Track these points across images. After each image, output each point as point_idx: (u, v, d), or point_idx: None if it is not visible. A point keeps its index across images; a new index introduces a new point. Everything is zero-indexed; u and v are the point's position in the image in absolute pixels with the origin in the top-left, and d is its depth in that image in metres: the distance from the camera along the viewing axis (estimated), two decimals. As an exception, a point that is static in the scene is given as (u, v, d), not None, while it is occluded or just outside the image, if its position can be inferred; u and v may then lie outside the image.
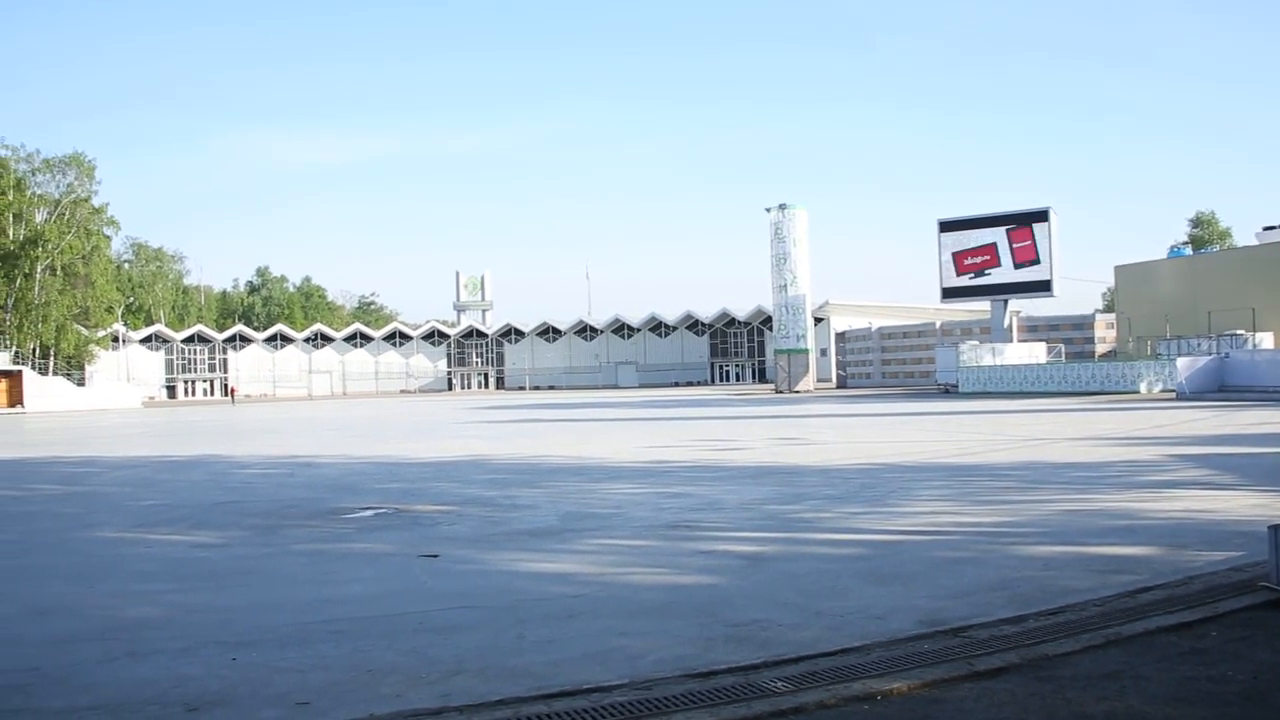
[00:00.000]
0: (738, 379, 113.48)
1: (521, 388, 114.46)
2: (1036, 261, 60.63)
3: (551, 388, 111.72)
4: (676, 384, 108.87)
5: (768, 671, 4.94)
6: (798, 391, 66.44)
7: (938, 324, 73.13)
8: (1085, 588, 6.53)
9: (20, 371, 71.37)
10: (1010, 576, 7.03)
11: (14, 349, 74.99)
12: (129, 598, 7.22)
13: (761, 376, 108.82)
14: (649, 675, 4.94)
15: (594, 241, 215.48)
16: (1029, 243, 61.00)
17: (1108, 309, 78.88)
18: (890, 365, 76.16)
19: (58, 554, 9.36)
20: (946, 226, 65.14)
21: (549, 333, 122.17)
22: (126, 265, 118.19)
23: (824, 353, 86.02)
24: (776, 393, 66.81)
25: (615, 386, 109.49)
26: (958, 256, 64.01)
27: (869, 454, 17.78)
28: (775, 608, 6.30)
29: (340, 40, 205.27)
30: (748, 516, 10.35)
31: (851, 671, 4.88)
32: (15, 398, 70.12)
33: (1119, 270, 66.89)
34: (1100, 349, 63.04)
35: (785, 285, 69.64)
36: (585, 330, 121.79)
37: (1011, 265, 61.74)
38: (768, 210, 70.28)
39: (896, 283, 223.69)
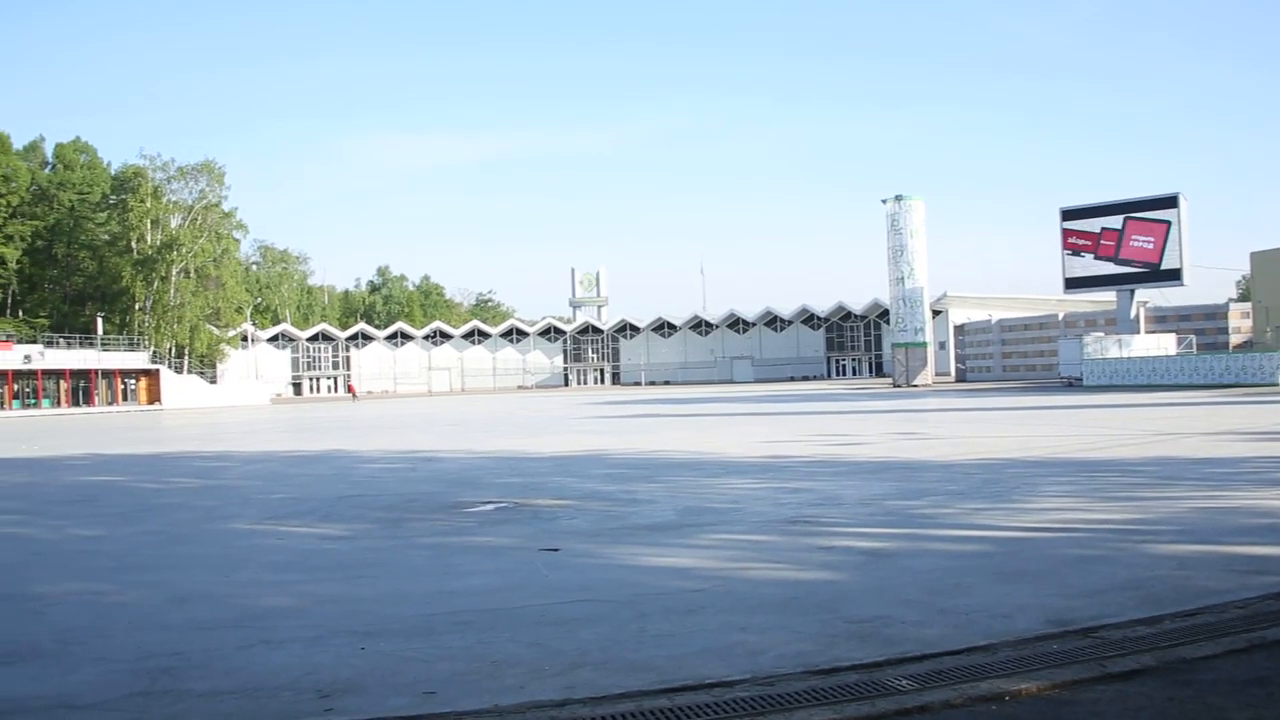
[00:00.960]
0: (854, 373, 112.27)
1: (637, 383, 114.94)
2: (1165, 249, 58.43)
3: (666, 383, 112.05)
4: (792, 379, 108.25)
5: (891, 669, 4.87)
6: (916, 386, 65.48)
7: (1060, 315, 71.18)
8: (1224, 589, 6.28)
9: (158, 370, 74.37)
10: (1143, 576, 6.81)
11: (152, 348, 78.19)
12: (263, 587, 7.47)
13: (878, 371, 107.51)
14: (770, 671, 4.91)
15: (709, 236, 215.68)
16: (1157, 230, 58.82)
17: (1243, 298, 75.82)
18: (1011, 358, 74.37)
19: (197, 544, 9.73)
20: (1069, 215, 63.21)
21: (664, 328, 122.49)
22: (255, 267, 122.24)
23: (942, 346, 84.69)
24: (894, 387, 65.93)
25: (730, 381, 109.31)
26: (1081, 245, 62.09)
27: (991, 449, 17.41)
28: (897, 605, 6.21)
29: (455, 45, 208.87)
30: (868, 512, 10.23)
31: (978, 671, 4.78)
32: (154, 395, 73.13)
33: (1256, 257, 64.04)
34: (1235, 340, 60.60)
35: (902, 278, 68.68)
36: (700, 325, 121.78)
37: (1138, 253, 59.65)
38: (884, 202, 69.39)
39: (1017, 276, 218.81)
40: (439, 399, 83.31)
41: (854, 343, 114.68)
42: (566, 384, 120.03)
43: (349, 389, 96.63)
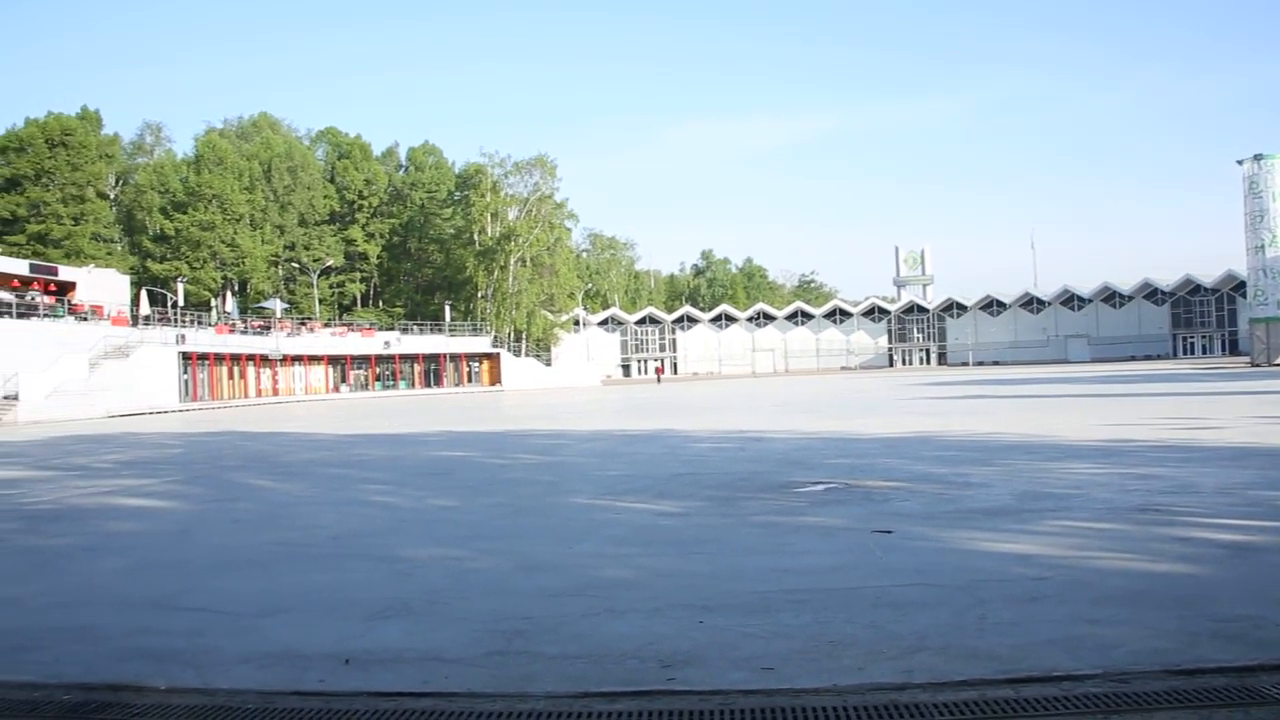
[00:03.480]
0: (1204, 352, 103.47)
1: (964, 364, 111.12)
2: None
3: (995, 363, 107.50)
4: (1132, 358, 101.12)
5: (1266, 676, 4.46)
6: (1278, 364, 59.49)
7: None
8: None
9: (499, 354, 79.27)
10: None
11: (493, 334, 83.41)
12: (604, 559, 7.82)
13: (1233, 348, 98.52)
14: (1124, 668, 4.63)
15: (1039, 208, 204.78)
16: None
17: None
18: (1399, 334, 66.06)
19: (541, 516, 10.31)
20: None
21: (992, 306, 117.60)
22: (585, 254, 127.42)
23: (1311, 321, 76.44)
24: (1252, 366, 60.29)
25: (1064, 361, 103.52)
26: None
27: (1377, 436, 15.60)
28: (1271, 605, 5.69)
29: (767, 27, 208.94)
30: (1228, 502, 9.42)
31: (1374, 682, 4.31)
32: (495, 377, 78.07)
33: None
34: None
35: (1262, 246, 62.54)
36: (1031, 302, 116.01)
37: None
38: (1239, 163, 63.44)
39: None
40: (763, 380, 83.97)
41: (1204, 319, 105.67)
42: (891, 365, 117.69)
43: (657, 371, 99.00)
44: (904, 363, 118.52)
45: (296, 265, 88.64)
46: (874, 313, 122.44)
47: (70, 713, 4.64)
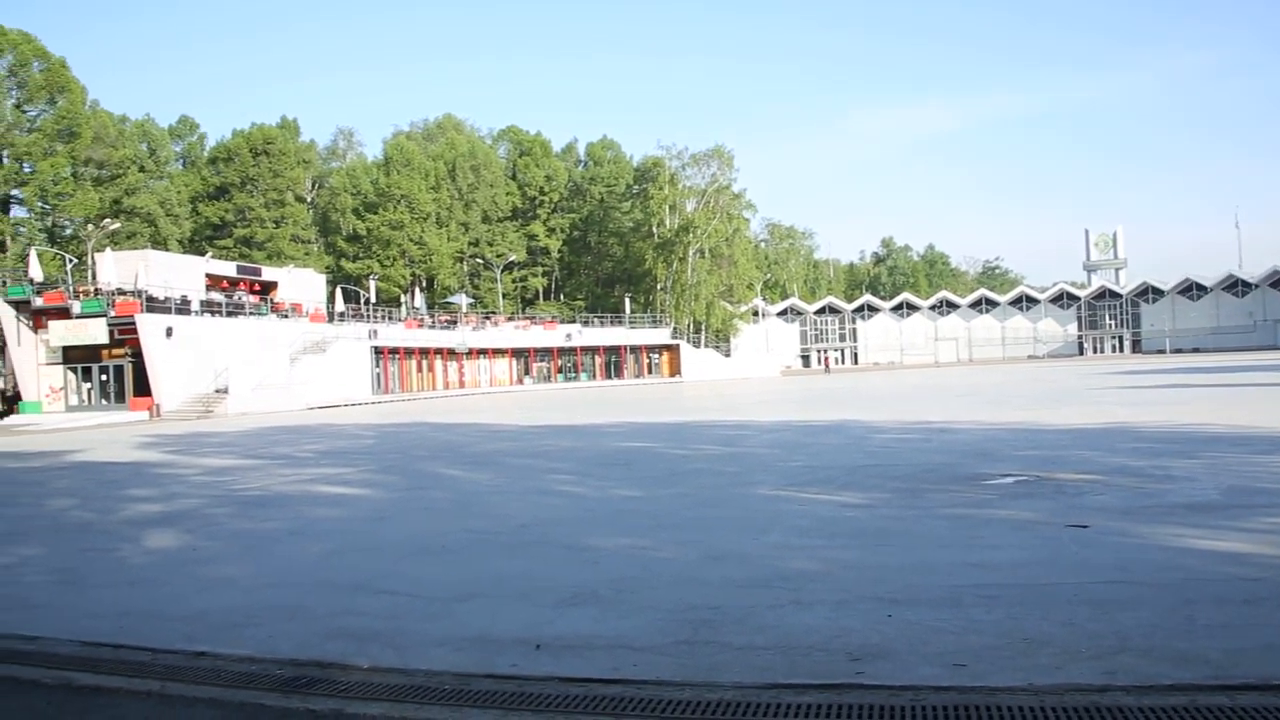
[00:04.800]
0: None
1: (1160, 351, 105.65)
2: None
3: (1195, 350, 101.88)
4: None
5: None
6: None
7: None
8: None
9: (678, 345, 79.70)
10: None
11: (672, 325, 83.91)
12: (789, 550, 7.77)
13: None
14: (1355, 676, 4.33)
15: (1243, 185, 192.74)
16: None
17: None
18: None
19: (725, 507, 10.33)
20: None
21: (1191, 289, 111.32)
22: (763, 244, 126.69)
23: None
24: None
25: (1273, 348, 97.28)
26: None
27: None
28: None
29: (942, 7, 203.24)
30: None
31: None
32: (674, 368, 78.55)
33: None
34: None
35: None
36: (1235, 285, 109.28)
37: None
38: None
39: None
40: (946, 370, 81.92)
41: None
42: (1081, 353, 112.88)
43: (825, 362, 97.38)
44: (1095, 351, 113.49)
45: (481, 261, 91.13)
46: (1062, 299, 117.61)
47: (284, 686, 4.91)
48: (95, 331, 42.44)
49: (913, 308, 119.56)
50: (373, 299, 67.02)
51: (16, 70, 57.64)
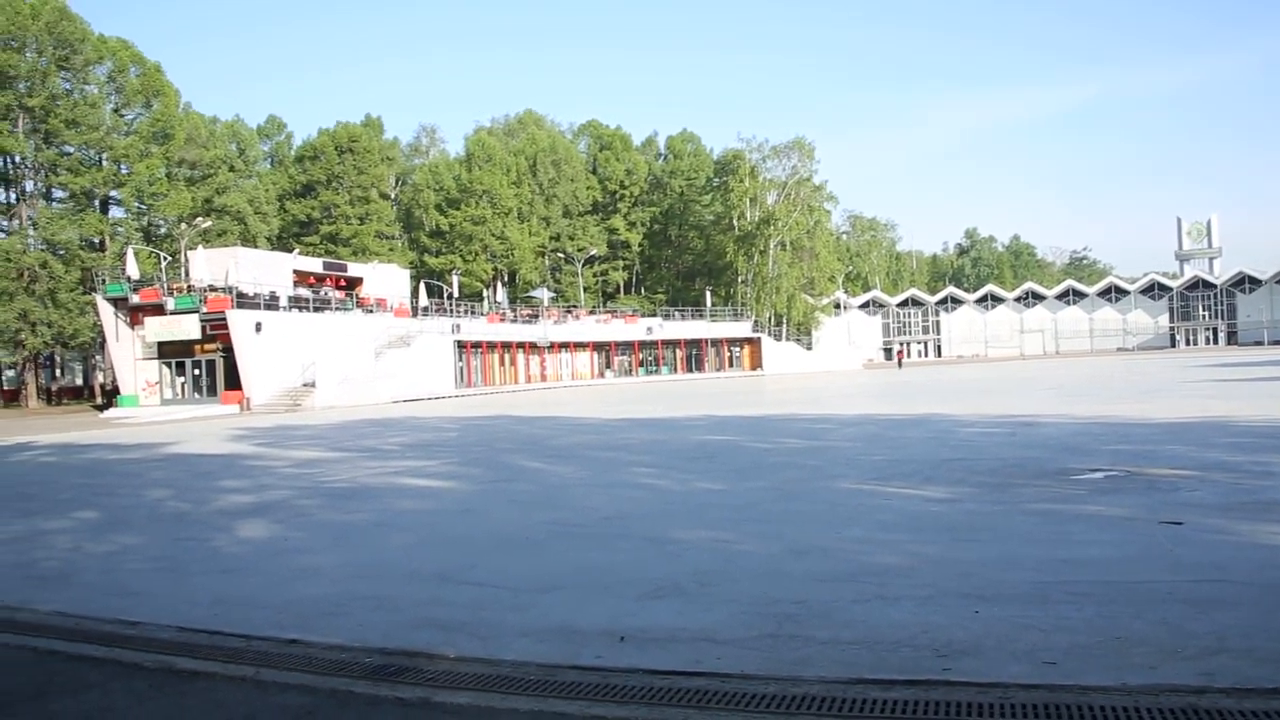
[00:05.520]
0: None
1: (1258, 343, 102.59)
2: None
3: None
4: None
5: None
6: None
7: None
8: None
9: (759, 338, 79.34)
10: None
11: (753, 318, 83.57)
12: (873, 544, 7.70)
13: None
14: None
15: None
16: None
17: None
18: None
19: (807, 501, 10.27)
20: None
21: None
22: (844, 236, 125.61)
23: None
24: None
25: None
26: None
27: None
28: None
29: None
30: None
31: None
32: (755, 361, 78.23)
33: None
34: None
35: None
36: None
37: None
38: None
39: None
40: (1031, 362, 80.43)
41: None
42: (1173, 345, 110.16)
43: (898, 356, 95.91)
44: (1188, 343, 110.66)
45: (562, 255, 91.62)
46: (1153, 289, 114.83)
47: (373, 674, 5.00)
48: (188, 327, 43.58)
49: (997, 300, 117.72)
50: (455, 294, 67.76)
51: (115, 76, 59.40)
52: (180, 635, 5.91)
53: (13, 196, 58.34)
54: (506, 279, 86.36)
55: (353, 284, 56.59)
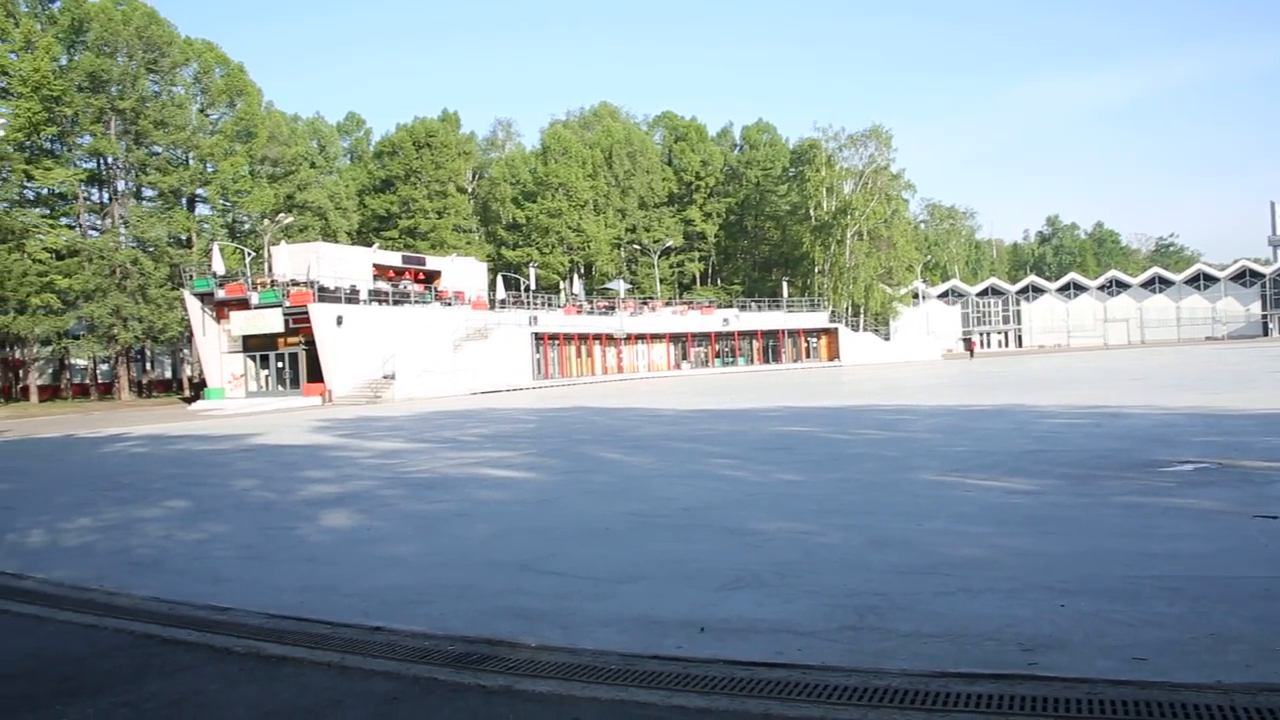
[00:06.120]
0: None
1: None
2: None
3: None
4: None
5: None
6: None
7: None
8: None
9: (836, 329, 78.73)
10: None
11: (830, 309, 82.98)
12: (955, 537, 7.61)
13: None
14: None
15: None
16: None
17: None
18: None
19: (887, 492, 10.17)
20: None
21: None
22: (922, 225, 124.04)
23: None
24: None
25: None
26: None
27: None
28: None
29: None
30: None
31: None
32: (833, 352, 77.65)
33: None
34: None
35: None
36: None
37: None
38: None
39: None
40: (1116, 352, 78.73)
41: None
42: (1265, 334, 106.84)
43: (970, 346, 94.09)
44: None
45: (638, 247, 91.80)
46: (1244, 276, 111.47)
47: (455, 662, 5.07)
48: (272, 321, 44.49)
49: (1080, 288, 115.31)
50: (532, 286, 68.27)
51: (200, 77, 61.03)
52: (268, 621, 6.05)
53: (105, 196, 60.12)
54: (583, 271, 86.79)
55: (431, 277, 57.28)
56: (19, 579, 7.80)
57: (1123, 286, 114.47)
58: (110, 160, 57.36)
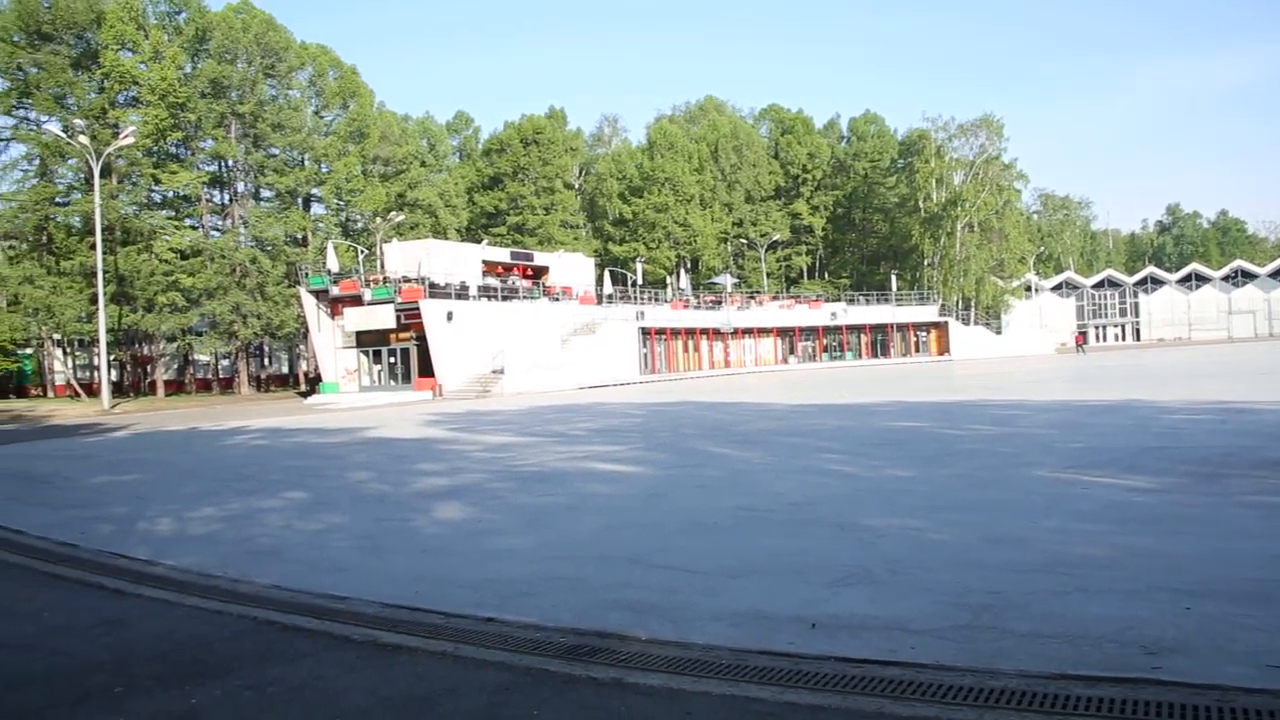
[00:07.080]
0: None
1: None
2: None
3: None
4: None
5: None
6: None
7: None
8: None
9: (946, 322, 77.38)
10: None
11: (940, 302, 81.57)
12: (1072, 535, 7.42)
13: None
14: None
15: None
16: None
17: None
18: None
19: (1001, 489, 9.96)
20: None
21: None
22: (1035, 216, 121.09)
23: None
24: None
25: None
26: None
27: None
28: None
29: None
30: None
31: None
32: (942, 346, 76.32)
33: None
34: None
35: None
36: None
37: None
38: None
39: None
40: (1241, 345, 75.86)
41: None
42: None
43: (1077, 340, 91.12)
44: None
45: (744, 241, 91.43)
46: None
47: (567, 654, 5.13)
48: (384, 317, 45.42)
49: (1202, 279, 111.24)
50: (639, 281, 68.47)
51: (315, 80, 62.70)
52: (384, 611, 6.20)
53: (226, 198, 62.18)
54: (689, 265, 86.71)
55: (539, 273, 57.83)
56: (150, 565, 8.13)
57: (1249, 277, 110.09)
58: (230, 163, 59.20)
